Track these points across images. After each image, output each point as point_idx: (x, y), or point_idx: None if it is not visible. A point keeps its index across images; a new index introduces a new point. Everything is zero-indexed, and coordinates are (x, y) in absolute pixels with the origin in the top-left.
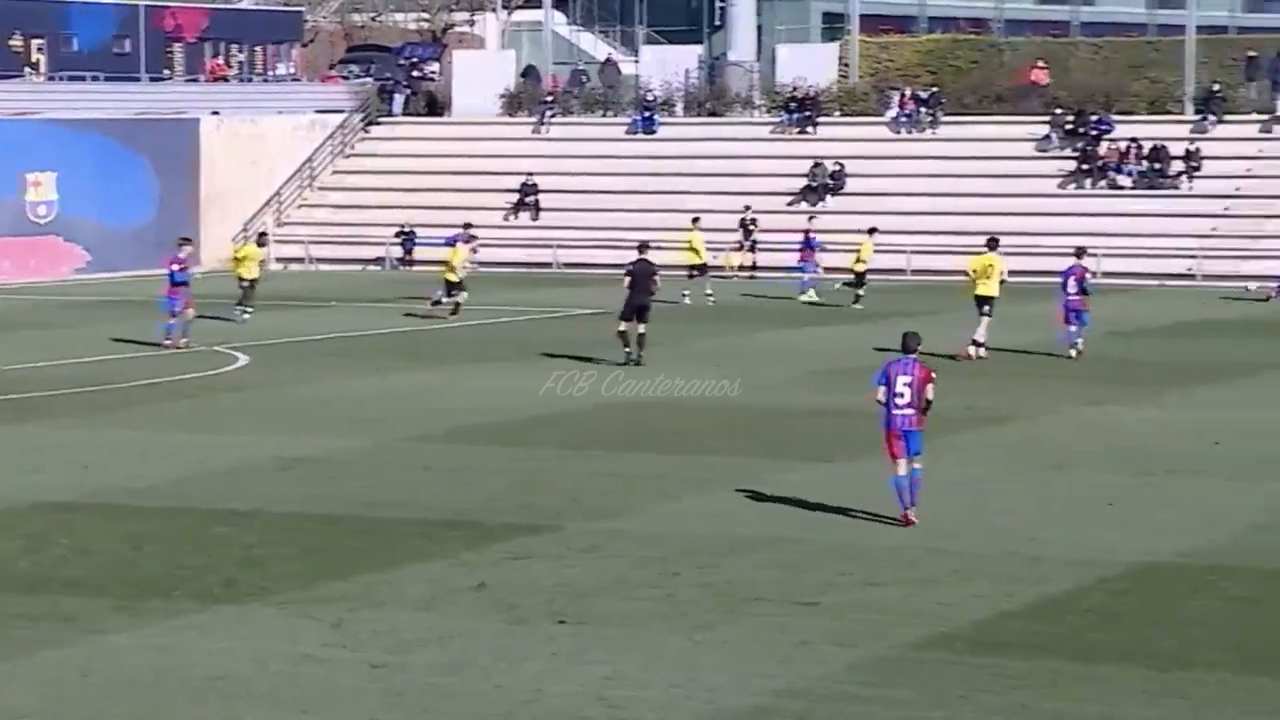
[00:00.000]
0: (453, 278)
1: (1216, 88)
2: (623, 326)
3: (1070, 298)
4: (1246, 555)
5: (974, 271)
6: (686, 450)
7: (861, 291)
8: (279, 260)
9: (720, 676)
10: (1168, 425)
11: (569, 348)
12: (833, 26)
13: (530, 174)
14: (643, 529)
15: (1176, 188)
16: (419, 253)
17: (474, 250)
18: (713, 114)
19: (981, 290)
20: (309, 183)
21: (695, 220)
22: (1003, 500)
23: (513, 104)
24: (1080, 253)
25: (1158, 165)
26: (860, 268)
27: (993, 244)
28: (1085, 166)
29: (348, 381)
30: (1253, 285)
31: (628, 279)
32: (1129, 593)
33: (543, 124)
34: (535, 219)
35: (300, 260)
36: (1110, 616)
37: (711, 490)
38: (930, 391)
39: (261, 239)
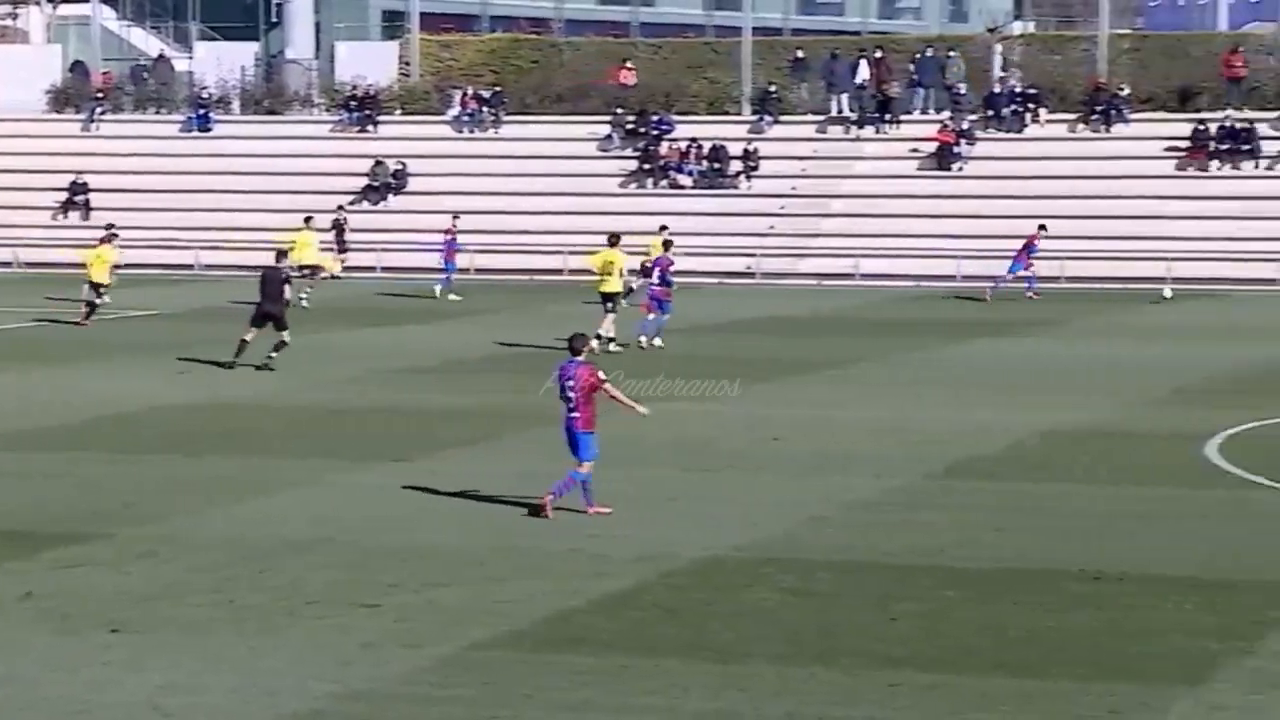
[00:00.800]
0: (102, 279)
1: (772, 88)
2: (249, 335)
3: (654, 288)
4: (801, 548)
5: (596, 268)
6: (248, 452)
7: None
8: None
9: (281, 680)
10: (730, 421)
11: (130, 349)
12: (393, 25)
13: (80, 173)
14: (200, 533)
15: (735, 187)
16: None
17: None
18: (270, 112)
19: (604, 288)
20: None
21: (308, 220)
22: (566, 497)
23: (59, 100)
24: (667, 245)
25: (717, 165)
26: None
27: (614, 240)
28: (647, 166)
29: None
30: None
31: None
32: (691, 587)
33: (92, 121)
34: (86, 219)
35: None
36: (672, 611)
37: (273, 492)
38: (612, 389)
39: None
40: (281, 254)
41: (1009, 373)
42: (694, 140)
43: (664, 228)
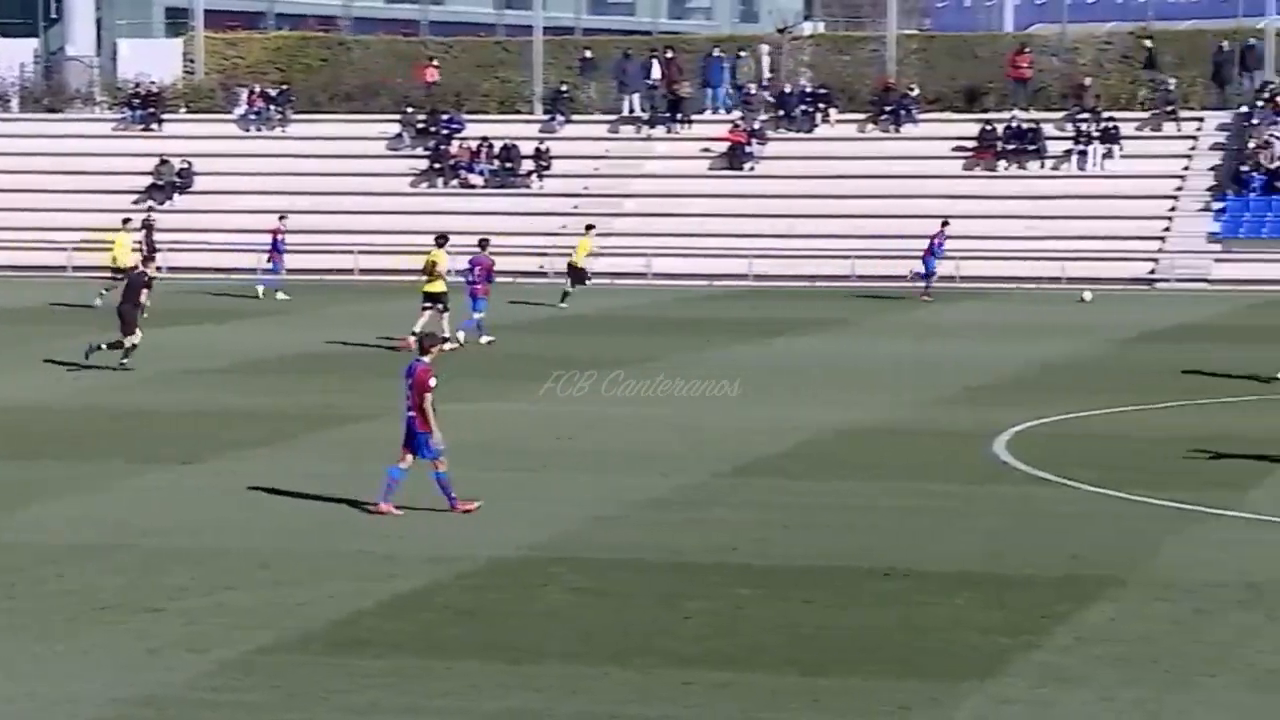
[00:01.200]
0: None
1: (564, 88)
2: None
3: (474, 285)
4: (594, 547)
5: (424, 269)
6: (32, 455)
7: (570, 290)
8: None
9: (64, 688)
10: (522, 421)
11: None
12: (176, 22)
13: None
14: None
15: (527, 186)
16: None
17: None
18: (51, 110)
19: (428, 288)
20: None
21: (125, 222)
22: (360, 499)
23: None
24: (484, 243)
25: (509, 164)
26: (578, 263)
27: (441, 241)
28: (437, 165)
29: None
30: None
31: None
32: (484, 588)
33: None
34: None
35: None
36: (466, 612)
37: (55, 497)
38: (429, 400)
39: None
40: (148, 258)
41: (799, 371)
42: (485, 139)
43: (590, 227)
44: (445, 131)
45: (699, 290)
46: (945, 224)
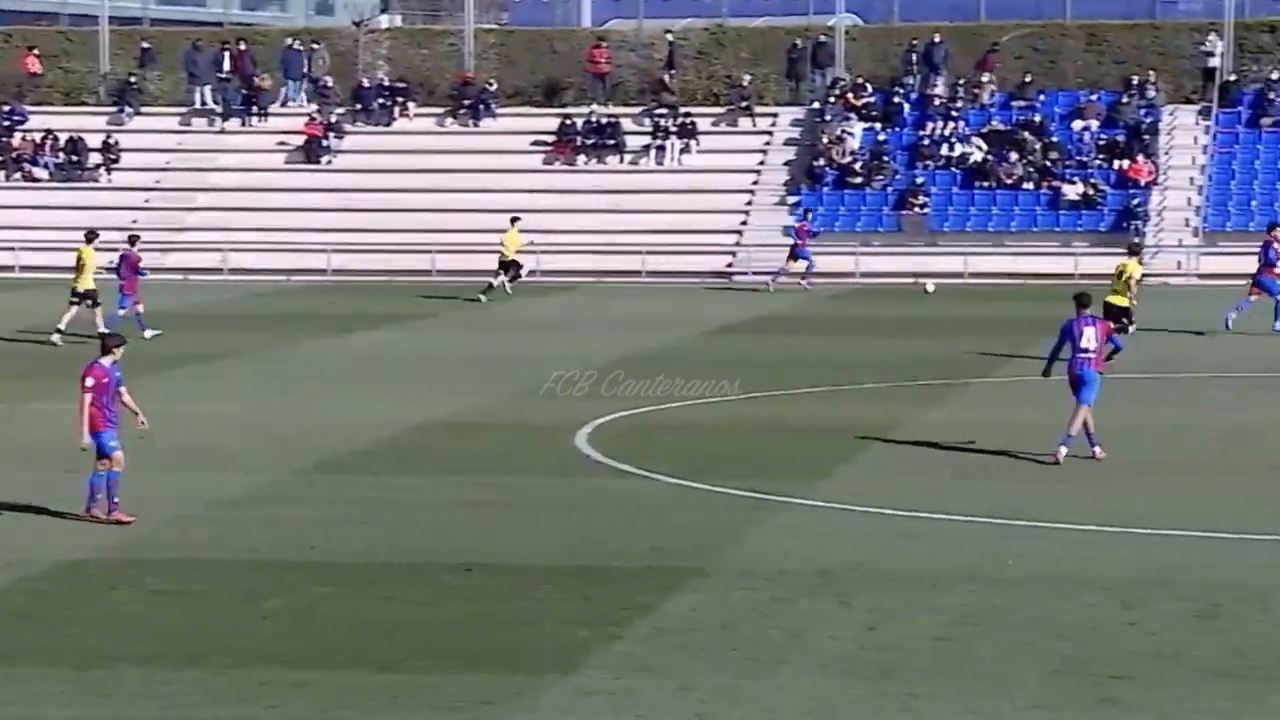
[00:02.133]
0: None
1: (132, 79)
2: None
3: (123, 281)
4: (169, 547)
5: (75, 263)
6: None
7: (497, 281)
8: None
9: None
10: None
11: None
12: None
13: None
14: None
15: (96, 180)
16: None
17: None
18: None
19: (78, 284)
20: None
21: None
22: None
23: None
24: (134, 240)
25: (75, 157)
26: (508, 257)
27: (90, 236)
28: (0, 159)
29: None
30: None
31: None
32: (50, 592)
33: None
34: None
35: None
36: (30, 617)
37: None
38: (125, 396)
39: None
40: None
41: (380, 366)
42: (50, 131)
43: (515, 219)
44: (7, 123)
45: (276, 285)
46: (808, 213)
